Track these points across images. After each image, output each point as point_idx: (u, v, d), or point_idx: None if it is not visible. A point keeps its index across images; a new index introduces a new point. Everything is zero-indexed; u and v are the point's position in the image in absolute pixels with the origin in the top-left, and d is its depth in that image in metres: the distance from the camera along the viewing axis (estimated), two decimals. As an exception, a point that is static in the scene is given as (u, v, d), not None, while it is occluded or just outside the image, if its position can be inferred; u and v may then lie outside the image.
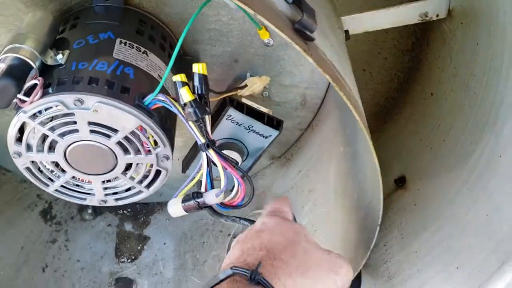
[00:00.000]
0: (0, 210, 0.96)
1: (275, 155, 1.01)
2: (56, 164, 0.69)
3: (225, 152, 0.78)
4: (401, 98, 0.98)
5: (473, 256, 0.71)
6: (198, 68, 0.62)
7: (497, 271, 0.66)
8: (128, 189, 0.74)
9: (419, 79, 0.94)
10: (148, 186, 0.73)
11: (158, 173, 0.71)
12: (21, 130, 0.65)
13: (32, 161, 0.69)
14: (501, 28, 0.64)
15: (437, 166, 0.82)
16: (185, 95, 0.60)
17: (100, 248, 1.01)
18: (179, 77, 0.62)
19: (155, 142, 0.68)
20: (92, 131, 0.64)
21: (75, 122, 0.63)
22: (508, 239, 0.65)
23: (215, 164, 0.63)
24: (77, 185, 0.73)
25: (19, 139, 0.66)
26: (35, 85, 0.62)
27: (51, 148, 0.67)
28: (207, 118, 0.63)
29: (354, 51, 0.88)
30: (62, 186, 0.72)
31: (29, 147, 0.67)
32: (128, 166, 0.70)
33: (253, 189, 0.64)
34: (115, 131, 0.65)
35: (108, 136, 0.65)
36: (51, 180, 0.72)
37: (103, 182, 0.72)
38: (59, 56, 0.65)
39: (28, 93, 0.62)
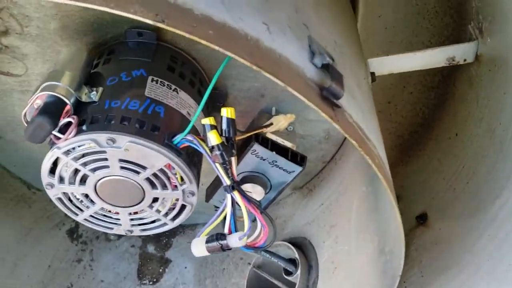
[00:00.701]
0: (30, 228, 0.99)
1: (298, 185, 1.02)
2: (86, 195, 0.72)
3: (248, 185, 0.81)
4: (425, 134, 0.98)
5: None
6: (226, 113, 0.64)
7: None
8: (153, 221, 0.76)
9: (444, 117, 0.94)
10: (173, 219, 0.75)
11: (183, 207, 0.73)
12: (54, 162, 0.68)
13: (64, 192, 0.71)
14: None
15: (459, 208, 0.82)
16: (213, 138, 0.62)
17: (123, 269, 1.04)
18: (208, 120, 0.64)
19: (182, 178, 0.70)
20: (122, 167, 0.67)
21: (106, 159, 0.66)
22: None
23: (238, 205, 0.65)
24: (105, 215, 0.76)
25: (52, 171, 0.69)
26: (69, 122, 0.64)
27: (82, 181, 0.69)
28: (233, 160, 0.64)
29: (380, 84, 0.89)
30: (90, 215, 0.75)
31: (61, 180, 0.69)
32: (155, 200, 0.72)
33: (275, 232, 0.65)
34: (144, 168, 0.67)
35: (137, 173, 0.67)
36: (81, 209, 0.74)
37: (130, 213, 0.74)
38: (93, 94, 0.68)
39: (62, 129, 0.64)
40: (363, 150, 0.46)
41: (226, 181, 0.63)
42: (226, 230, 0.64)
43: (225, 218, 0.67)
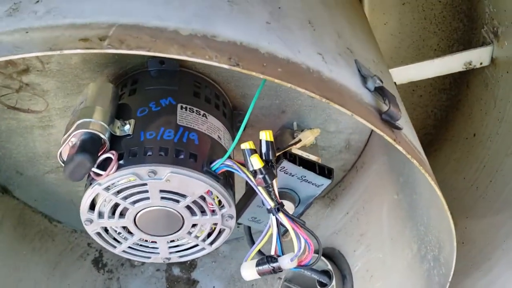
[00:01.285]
0: (56, 262, 0.98)
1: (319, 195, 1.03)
2: (124, 227, 0.72)
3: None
4: (440, 135, 1.00)
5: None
6: (265, 136, 0.65)
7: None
8: (191, 247, 0.76)
9: (459, 118, 0.96)
10: (212, 243, 0.75)
11: (221, 230, 0.74)
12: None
13: (103, 227, 0.71)
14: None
15: (484, 206, 0.84)
16: (256, 163, 0.63)
17: (151, 294, 1.04)
18: (248, 145, 0.64)
19: (219, 202, 0.70)
20: (162, 198, 0.67)
21: (147, 191, 0.66)
22: None
23: (283, 226, 0.66)
24: (142, 245, 0.76)
25: (91, 207, 0.69)
26: (108, 158, 0.64)
27: (122, 214, 0.69)
28: (275, 181, 0.65)
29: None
30: (128, 247, 0.75)
31: (100, 215, 0.69)
32: (193, 226, 0.73)
33: (320, 247, 0.66)
34: (184, 196, 0.67)
35: (177, 201, 0.68)
36: (119, 242, 0.74)
37: (168, 241, 0.74)
38: (127, 127, 0.68)
39: (101, 165, 0.64)
40: (424, 168, 0.47)
41: (270, 203, 0.64)
42: (272, 252, 0.65)
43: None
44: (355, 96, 0.43)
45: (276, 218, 0.65)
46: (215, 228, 0.73)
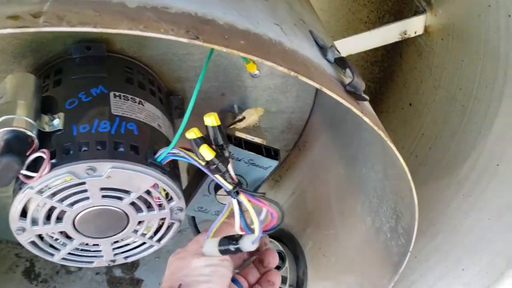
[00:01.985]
0: (-19, 279, 0.88)
1: (262, 178, 1.01)
2: (62, 232, 0.65)
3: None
4: (375, 108, 1.00)
5: (479, 258, 0.75)
6: (211, 122, 0.60)
7: (506, 270, 0.71)
8: (138, 245, 0.71)
9: (394, 89, 0.97)
10: (160, 239, 0.71)
11: (170, 225, 0.69)
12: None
13: (37, 235, 0.64)
14: (491, 46, 0.68)
15: (425, 174, 0.86)
16: (207, 154, 0.59)
17: (94, 299, 0.97)
18: (194, 134, 0.60)
19: (167, 195, 0.65)
20: (104, 196, 0.61)
21: (85, 190, 0.60)
22: (513, 242, 0.70)
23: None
24: (83, 250, 0.69)
25: (22, 214, 0.61)
26: (38, 157, 0.57)
27: (59, 218, 0.62)
28: (230, 165, 0.61)
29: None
30: (68, 253, 0.68)
31: (34, 221, 0.62)
32: (139, 223, 0.67)
33: (282, 211, 0.64)
34: (128, 192, 0.62)
35: (121, 199, 0.62)
36: (57, 249, 0.67)
37: (112, 243, 0.69)
38: (56, 121, 0.61)
39: (31, 166, 0.57)
40: (389, 139, 0.46)
41: (229, 187, 0.61)
42: (237, 229, 0.61)
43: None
44: (319, 68, 0.40)
45: (238, 200, 0.61)
46: (163, 223, 0.69)
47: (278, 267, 0.90)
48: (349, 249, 0.77)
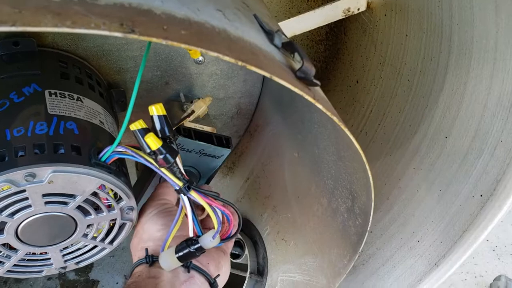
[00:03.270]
0: None
1: (214, 166, 0.98)
2: (4, 244, 0.61)
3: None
4: (322, 87, 1.00)
5: (432, 228, 0.76)
6: (156, 110, 0.57)
7: (459, 239, 0.73)
8: (90, 249, 0.67)
9: (340, 67, 0.96)
10: (112, 241, 0.67)
11: (122, 225, 0.66)
12: (-43, 218, 0.56)
13: (-23, 249, 0.59)
14: (434, 20, 0.68)
15: (376, 150, 0.87)
16: (152, 143, 0.55)
17: (48, 307, 0.92)
18: (138, 125, 0.57)
19: (115, 195, 0.62)
20: (47, 203, 0.57)
21: (26, 198, 0.55)
22: (463, 211, 0.72)
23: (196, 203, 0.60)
24: (30, 260, 0.65)
25: (-43, 230, 0.56)
26: (-31, 168, 0.53)
27: (0, 230, 0.58)
28: (178, 158, 0.58)
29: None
30: (14, 265, 0.64)
31: (-29, 237, 0.57)
32: (89, 226, 0.64)
33: (239, 215, 0.62)
34: (73, 196, 0.58)
35: (66, 203, 0.58)
36: (1, 262, 0.63)
37: (61, 249, 0.65)
38: (-14, 127, 0.56)
39: (-38, 178, 0.52)
40: (342, 124, 0.45)
41: (178, 184, 0.58)
42: (191, 234, 0.59)
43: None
44: (267, 55, 0.38)
45: (188, 197, 0.59)
46: (114, 224, 0.65)
47: (237, 255, 0.89)
48: (308, 232, 0.76)
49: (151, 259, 0.60)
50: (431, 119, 0.73)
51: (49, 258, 0.66)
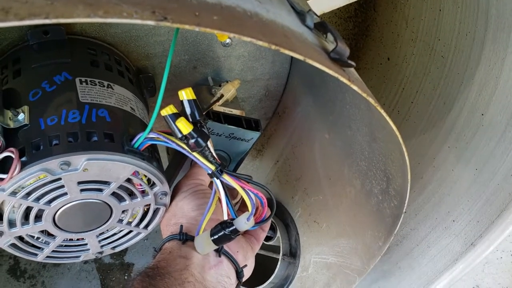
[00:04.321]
0: (-36, 283, 0.85)
1: (244, 148, 0.98)
2: (42, 230, 0.62)
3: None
4: (354, 65, 0.98)
5: (468, 208, 0.75)
6: (186, 95, 0.57)
7: (496, 219, 0.71)
8: (125, 234, 0.68)
9: (370, 44, 0.94)
10: (147, 226, 0.68)
11: (156, 210, 0.67)
12: (-3, 206, 0.57)
13: (17, 237, 0.61)
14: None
15: (409, 128, 0.85)
16: (184, 127, 0.55)
17: (85, 289, 0.95)
18: (169, 110, 0.56)
19: (149, 180, 0.63)
20: (82, 190, 0.58)
21: (62, 186, 0.56)
22: (501, 190, 0.70)
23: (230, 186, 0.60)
24: (68, 246, 0.66)
25: (-2, 218, 0.58)
26: (6, 157, 0.53)
27: (37, 217, 0.59)
28: (210, 142, 0.58)
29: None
30: (52, 251, 0.65)
31: (11, 224, 0.59)
32: (124, 212, 0.65)
33: (273, 199, 0.62)
34: (107, 183, 0.59)
35: (101, 190, 0.59)
36: (40, 248, 0.64)
37: (98, 235, 0.66)
38: (21, 116, 0.57)
39: (0, 168, 0.53)
40: (379, 106, 0.44)
41: (211, 167, 0.58)
42: (225, 217, 0.59)
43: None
44: (300, 37, 0.37)
45: (221, 181, 0.59)
46: (148, 209, 0.66)
47: (269, 237, 0.89)
48: (340, 214, 0.76)
49: (185, 237, 0.60)
50: (467, 96, 0.71)
51: (86, 244, 0.67)
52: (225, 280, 0.60)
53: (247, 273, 0.65)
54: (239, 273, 0.63)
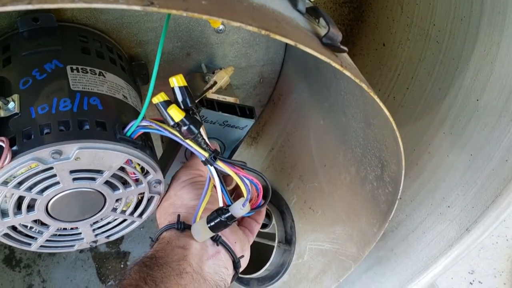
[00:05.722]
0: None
1: (239, 136, 0.98)
2: (36, 220, 0.62)
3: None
4: (349, 50, 0.97)
5: (463, 193, 0.75)
6: (177, 81, 0.56)
7: (491, 204, 0.71)
8: (120, 223, 0.68)
9: (365, 30, 0.93)
10: (141, 214, 0.68)
11: (150, 199, 0.66)
12: (-12, 197, 0.57)
13: (10, 226, 0.60)
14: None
15: (404, 115, 0.84)
16: (175, 114, 0.55)
17: (81, 278, 0.94)
18: (160, 97, 0.56)
19: (142, 169, 0.62)
20: (75, 179, 0.57)
21: (54, 175, 0.56)
22: (496, 175, 0.69)
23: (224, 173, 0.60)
24: (61, 235, 0.66)
25: (-10, 208, 0.57)
26: (-2, 147, 0.53)
27: (30, 206, 0.59)
28: (202, 129, 0.58)
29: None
30: (46, 240, 0.65)
31: (4, 213, 0.58)
32: (118, 201, 0.64)
33: (268, 185, 0.61)
34: (100, 172, 0.58)
35: (93, 179, 0.58)
36: (33, 238, 0.64)
37: (92, 224, 0.66)
38: (11, 105, 0.56)
39: (-10, 157, 0.53)
40: (372, 91, 0.43)
41: (204, 154, 0.57)
42: (221, 204, 0.59)
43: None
44: (291, 22, 0.36)
45: (215, 167, 0.58)
46: (142, 197, 0.66)
47: (265, 225, 0.89)
48: (336, 200, 0.75)
49: (183, 226, 0.61)
50: (462, 81, 0.70)
51: (80, 233, 0.67)
52: (223, 270, 0.60)
53: (243, 264, 0.65)
54: (236, 264, 0.63)
